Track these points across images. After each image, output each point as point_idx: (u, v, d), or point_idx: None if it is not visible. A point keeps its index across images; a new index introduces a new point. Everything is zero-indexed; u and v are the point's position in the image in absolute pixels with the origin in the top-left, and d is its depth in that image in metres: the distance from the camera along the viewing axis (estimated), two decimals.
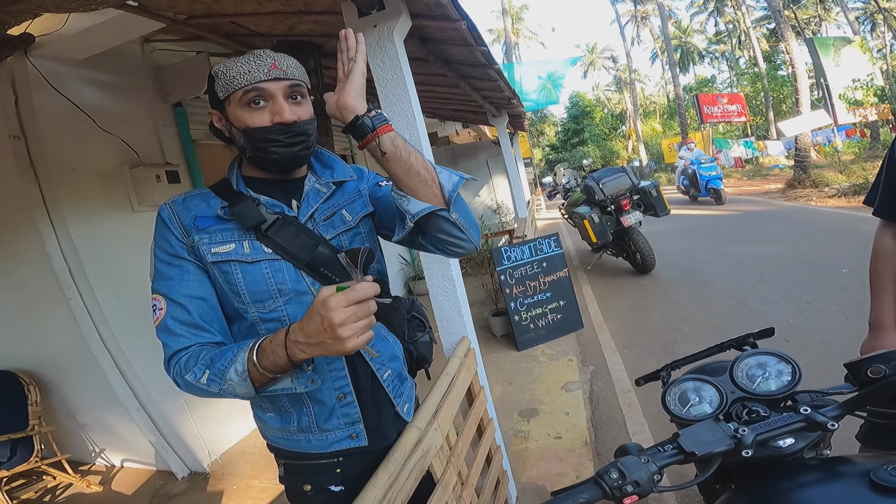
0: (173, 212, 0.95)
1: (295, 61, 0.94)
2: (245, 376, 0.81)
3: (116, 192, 2.69)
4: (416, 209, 0.92)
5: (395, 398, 1.08)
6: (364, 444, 1.03)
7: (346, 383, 1.00)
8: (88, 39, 2.31)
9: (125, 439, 2.96)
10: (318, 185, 1.04)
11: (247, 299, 0.94)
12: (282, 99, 0.90)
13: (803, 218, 7.88)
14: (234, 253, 0.93)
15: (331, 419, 1.00)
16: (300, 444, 1.02)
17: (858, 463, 0.69)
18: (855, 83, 15.91)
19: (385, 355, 1.06)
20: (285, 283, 0.95)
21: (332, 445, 1.01)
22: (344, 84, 0.89)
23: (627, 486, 0.66)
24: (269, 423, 1.04)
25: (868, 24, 26.16)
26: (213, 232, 0.94)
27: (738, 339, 1.05)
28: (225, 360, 0.84)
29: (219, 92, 0.91)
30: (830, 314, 3.63)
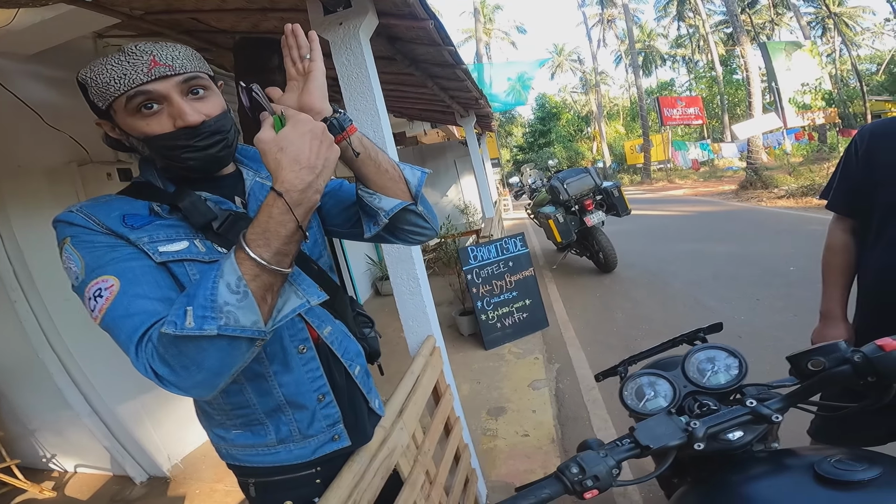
0: (87, 215, 0.78)
1: (185, 50, 0.80)
2: (244, 289, 0.64)
3: (64, 191, 2.57)
4: (390, 206, 0.90)
5: (368, 393, 1.06)
6: (347, 444, 0.99)
7: (323, 383, 0.95)
8: (38, 34, 2.20)
9: (78, 444, 2.86)
10: (260, 178, 0.96)
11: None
12: (178, 98, 0.77)
13: (754, 218, 8.28)
14: (189, 252, 0.81)
15: (314, 423, 0.95)
16: (279, 456, 0.94)
17: (804, 456, 0.72)
18: (804, 87, 16.73)
19: (352, 352, 1.03)
20: None
21: (315, 452, 0.96)
22: (304, 83, 0.80)
23: (587, 480, 0.67)
24: (238, 440, 0.94)
25: (819, 28, 27.51)
26: (154, 230, 0.80)
27: (689, 335, 1.09)
28: (207, 282, 0.65)
29: (96, 101, 0.79)
30: (779, 310, 3.82)
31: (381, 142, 1.69)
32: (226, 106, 0.86)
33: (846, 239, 1.38)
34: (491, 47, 36.48)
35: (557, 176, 6.01)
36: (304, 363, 0.93)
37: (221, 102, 0.85)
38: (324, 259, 1.02)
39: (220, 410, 0.93)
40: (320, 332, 0.95)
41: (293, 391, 0.92)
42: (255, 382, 0.90)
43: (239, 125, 0.95)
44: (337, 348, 0.98)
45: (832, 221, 1.43)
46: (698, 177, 20.23)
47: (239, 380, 0.89)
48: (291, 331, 0.91)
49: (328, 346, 0.97)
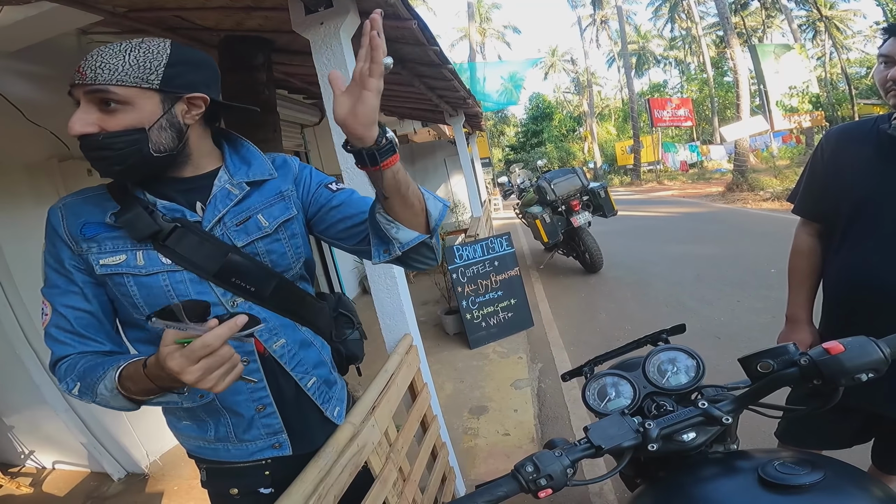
0: (63, 216, 0.87)
1: (130, 57, 0.78)
2: (115, 393, 0.77)
3: (44, 186, 2.55)
4: (407, 239, 0.87)
5: (323, 404, 1.06)
6: (288, 453, 1.00)
7: (265, 395, 0.96)
8: (20, 32, 2.17)
9: (55, 440, 2.84)
10: (230, 185, 0.92)
11: (146, 312, 0.87)
12: (83, 107, 0.78)
13: (739, 220, 8.39)
14: (126, 265, 0.85)
15: (250, 430, 0.97)
16: (219, 452, 0.98)
17: (753, 458, 0.73)
18: (791, 90, 16.88)
19: (309, 363, 1.02)
20: (188, 295, 0.87)
21: (253, 455, 0.98)
22: (355, 104, 0.72)
23: (541, 479, 0.68)
24: (185, 431, 0.99)
25: (810, 31, 27.73)
26: (102, 241, 0.86)
27: (653, 336, 1.11)
28: (94, 375, 0.79)
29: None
30: (758, 312, 3.88)
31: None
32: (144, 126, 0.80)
33: (812, 243, 1.39)
34: (486, 47, 36.47)
35: (545, 176, 6.04)
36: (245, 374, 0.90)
37: (135, 121, 0.80)
38: (294, 271, 1.00)
39: None
40: (268, 346, 0.95)
41: (230, 400, 0.94)
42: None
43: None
44: (287, 362, 0.98)
45: (798, 225, 1.44)
46: (687, 178, 20.42)
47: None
48: (235, 343, 0.87)
49: (276, 360, 0.97)
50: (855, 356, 0.69)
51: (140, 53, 0.79)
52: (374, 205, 0.88)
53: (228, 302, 0.91)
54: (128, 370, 0.77)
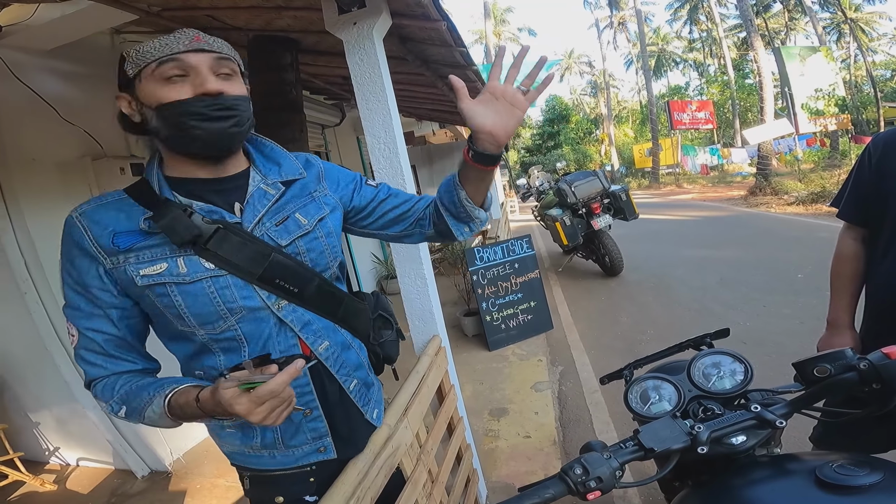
0: (85, 228, 0.81)
1: (227, 43, 0.86)
2: (164, 416, 0.78)
3: (77, 184, 2.59)
4: (484, 217, 1.02)
5: (363, 406, 1.05)
6: (332, 457, 0.99)
7: (311, 399, 0.95)
8: (57, 30, 2.23)
9: (81, 437, 2.87)
10: (265, 185, 0.91)
11: (192, 322, 0.84)
12: (206, 70, 0.79)
13: (763, 224, 8.23)
14: (167, 274, 0.81)
15: (297, 435, 0.95)
16: (263, 460, 0.97)
17: (806, 461, 0.73)
18: (817, 93, 16.55)
19: (350, 365, 1.01)
20: (234, 301, 0.84)
21: (299, 460, 0.97)
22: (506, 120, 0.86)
23: (591, 481, 0.68)
24: (228, 439, 0.97)
25: (834, 34, 27.23)
26: (140, 250, 0.81)
27: (696, 339, 1.10)
28: (140, 400, 0.80)
29: (128, 69, 0.80)
30: (785, 317, 3.80)
31: (391, 141, 1.70)
32: (249, 97, 0.88)
33: (856, 248, 1.38)
34: None
35: (565, 178, 6.00)
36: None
37: (244, 91, 0.86)
38: (331, 271, 0.99)
39: None
40: (314, 349, 0.94)
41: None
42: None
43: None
44: (332, 364, 0.97)
45: (842, 230, 1.43)
46: (707, 182, 20.13)
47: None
48: (283, 346, 0.90)
49: (322, 363, 0.95)
50: None
51: (226, 43, 0.86)
52: (457, 193, 0.97)
53: (274, 305, 0.88)
54: (177, 399, 0.78)
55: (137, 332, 0.88)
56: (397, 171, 1.70)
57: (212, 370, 0.89)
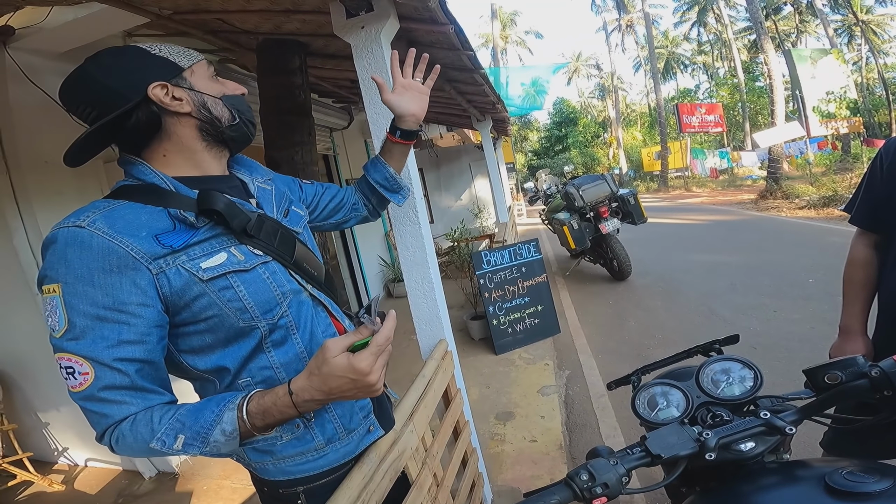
0: (110, 237, 0.71)
1: None
2: (235, 436, 0.71)
3: (89, 187, 2.63)
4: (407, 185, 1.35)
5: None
6: (381, 434, 1.04)
7: None
8: (69, 33, 2.26)
9: (89, 438, 2.83)
10: (260, 182, 0.99)
11: (255, 312, 0.82)
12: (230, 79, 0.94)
13: (773, 228, 8.14)
14: (229, 263, 0.79)
15: (353, 416, 0.97)
16: (328, 457, 0.93)
17: (815, 467, 0.72)
18: (828, 96, 16.39)
19: None
20: (283, 284, 0.86)
21: (358, 446, 0.98)
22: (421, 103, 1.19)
23: (597, 487, 0.67)
24: (286, 451, 0.90)
25: (845, 36, 26.94)
26: (194, 245, 0.78)
27: (705, 346, 1.09)
28: (204, 420, 0.71)
29: (179, 62, 0.85)
30: (796, 322, 3.75)
31: None
32: None
33: (869, 254, 1.36)
34: (508, 52, 36.50)
35: (573, 182, 5.98)
36: None
37: None
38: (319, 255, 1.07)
39: None
40: (344, 325, 0.99)
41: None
42: None
43: None
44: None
45: (855, 236, 1.41)
46: (716, 185, 19.98)
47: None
48: (322, 326, 0.94)
49: None
50: None
51: None
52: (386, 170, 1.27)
53: (307, 286, 0.93)
54: (257, 405, 0.72)
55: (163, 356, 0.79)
56: (404, 173, 1.70)
57: (264, 370, 0.86)
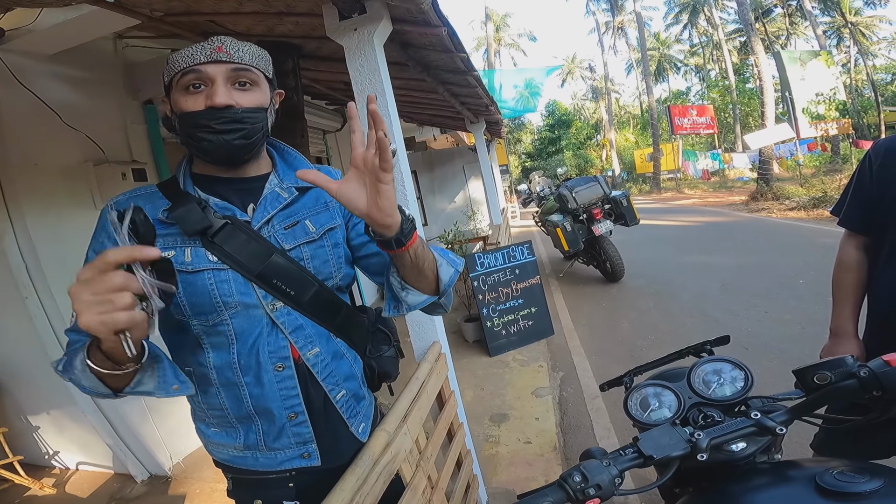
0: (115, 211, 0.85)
1: (253, 48, 0.88)
2: (85, 367, 0.71)
3: (79, 190, 2.61)
4: (415, 301, 0.92)
5: (349, 419, 1.03)
6: (317, 464, 0.98)
7: (297, 402, 0.94)
8: (60, 35, 2.25)
9: (81, 441, 2.88)
10: (280, 188, 0.95)
11: (187, 311, 0.87)
12: (221, 82, 0.83)
13: (764, 230, 8.22)
14: (174, 261, 0.84)
15: (280, 438, 0.95)
16: (246, 461, 0.97)
17: (806, 467, 0.72)
18: (818, 97, 16.55)
19: (340, 375, 1.00)
20: (231, 295, 0.87)
21: (281, 464, 0.97)
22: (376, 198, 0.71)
23: (590, 489, 0.67)
24: (213, 438, 0.98)
25: (834, 38, 27.20)
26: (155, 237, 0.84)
27: (696, 346, 1.09)
28: (76, 346, 0.75)
29: (165, 76, 0.87)
30: (787, 323, 3.79)
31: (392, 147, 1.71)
32: (266, 106, 0.90)
33: (858, 256, 1.36)
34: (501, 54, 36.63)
35: (566, 184, 6.01)
36: (279, 380, 0.92)
37: (262, 101, 0.89)
38: (335, 280, 0.99)
39: (200, 408, 0.97)
40: (302, 354, 0.94)
41: (262, 405, 0.92)
42: (228, 389, 0.92)
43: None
44: (319, 371, 0.96)
45: (844, 237, 1.41)
46: (708, 187, 20.13)
47: (214, 384, 0.92)
48: (272, 347, 0.91)
49: (308, 368, 0.95)
50: None
51: (257, 49, 0.89)
52: (388, 266, 0.92)
53: (268, 305, 0.90)
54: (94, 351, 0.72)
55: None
56: (397, 177, 1.70)
57: (200, 367, 0.92)
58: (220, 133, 0.83)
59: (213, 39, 0.85)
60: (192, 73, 0.83)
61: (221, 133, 0.83)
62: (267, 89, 0.91)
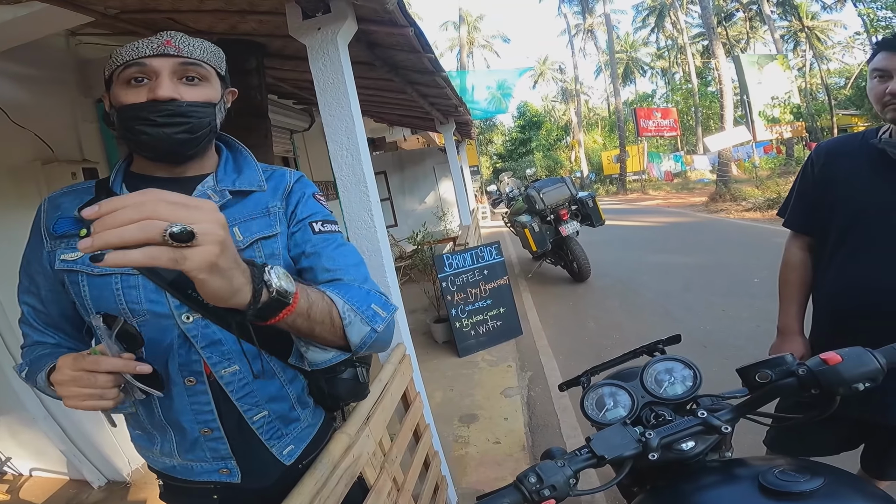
0: (44, 210, 0.88)
1: (205, 44, 0.85)
2: (47, 386, 0.79)
3: (28, 190, 2.48)
4: (318, 360, 0.82)
5: (270, 440, 0.94)
6: (237, 481, 0.93)
7: (211, 418, 0.89)
8: (10, 32, 2.12)
9: (33, 447, 2.77)
10: (211, 191, 0.87)
11: (93, 314, 0.82)
12: (166, 76, 0.79)
13: (722, 230, 8.54)
14: (81, 262, 0.82)
15: (194, 450, 0.91)
16: (166, 466, 0.96)
17: (752, 466, 0.74)
18: (773, 101, 17.22)
19: (262, 396, 0.92)
20: (139, 302, 0.82)
21: (199, 475, 0.93)
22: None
23: (545, 490, 0.68)
24: (137, 440, 0.98)
25: (792, 42, 28.23)
26: (71, 237, 0.84)
27: (649, 346, 1.12)
28: (40, 364, 0.82)
29: (106, 70, 0.84)
30: (743, 321, 3.94)
31: (354, 149, 1.69)
32: (216, 102, 0.86)
33: (802, 256, 1.42)
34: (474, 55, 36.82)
35: (534, 185, 6.08)
36: (190, 395, 0.88)
37: (211, 97, 0.85)
38: None
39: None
40: (215, 371, 0.87)
41: (173, 418, 0.89)
42: None
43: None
44: (235, 391, 0.89)
45: (789, 238, 1.47)
46: (671, 188, 20.74)
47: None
48: (183, 360, 0.86)
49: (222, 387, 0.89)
50: (852, 366, 0.70)
51: (209, 45, 0.86)
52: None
53: (182, 315, 0.84)
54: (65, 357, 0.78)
55: (67, 315, 0.90)
56: (360, 178, 1.69)
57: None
58: (161, 126, 0.79)
59: (161, 34, 0.81)
60: (135, 66, 0.79)
61: (162, 126, 0.79)
62: (218, 86, 0.87)
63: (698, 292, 4.93)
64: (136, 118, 0.79)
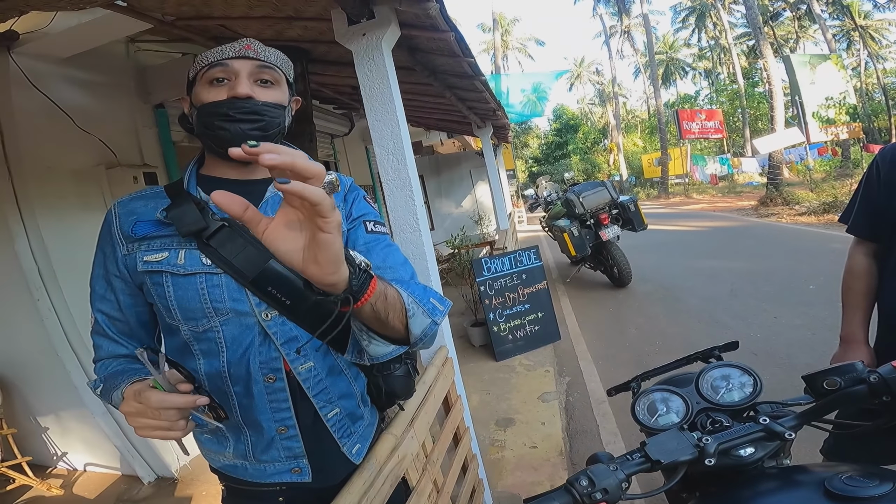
0: (116, 214, 0.89)
1: (278, 52, 0.91)
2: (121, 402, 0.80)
3: (91, 193, 2.64)
4: (378, 353, 0.80)
5: (341, 439, 0.97)
6: (307, 480, 0.95)
7: (288, 416, 0.91)
8: (73, 38, 2.28)
9: (89, 443, 2.90)
10: None
11: (177, 315, 0.85)
12: (245, 76, 0.85)
13: (773, 235, 8.15)
14: (166, 263, 0.84)
15: (269, 450, 0.92)
16: (237, 470, 0.96)
17: (814, 472, 0.71)
18: (828, 101, 16.40)
19: (334, 392, 0.95)
20: (223, 301, 0.85)
21: (270, 477, 0.94)
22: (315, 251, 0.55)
23: (597, 493, 0.67)
24: (206, 444, 0.98)
25: (844, 41, 26.97)
26: (152, 239, 0.86)
27: (705, 352, 1.08)
28: (114, 382, 0.83)
29: (190, 73, 0.90)
30: (797, 328, 3.75)
31: (399, 151, 1.71)
32: (285, 105, 0.92)
33: (867, 263, 1.35)
34: (508, 59, 36.71)
35: (573, 189, 6.00)
36: (269, 392, 0.90)
37: (282, 99, 0.91)
38: None
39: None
40: (294, 368, 0.90)
41: (251, 416, 0.90)
42: (218, 398, 0.89)
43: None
44: (311, 388, 0.91)
45: (853, 245, 1.41)
46: (717, 192, 20.01)
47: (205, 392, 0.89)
48: (263, 358, 0.88)
49: (300, 384, 0.91)
50: None
51: (281, 53, 0.92)
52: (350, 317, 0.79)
53: (262, 313, 0.87)
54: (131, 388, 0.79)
55: (143, 321, 0.92)
56: (405, 181, 1.71)
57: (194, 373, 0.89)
58: (238, 122, 0.84)
59: (242, 40, 0.88)
60: (218, 67, 0.85)
61: (239, 122, 0.84)
62: (287, 92, 0.93)
63: (747, 299, 4.72)
64: (216, 114, 0.84)
